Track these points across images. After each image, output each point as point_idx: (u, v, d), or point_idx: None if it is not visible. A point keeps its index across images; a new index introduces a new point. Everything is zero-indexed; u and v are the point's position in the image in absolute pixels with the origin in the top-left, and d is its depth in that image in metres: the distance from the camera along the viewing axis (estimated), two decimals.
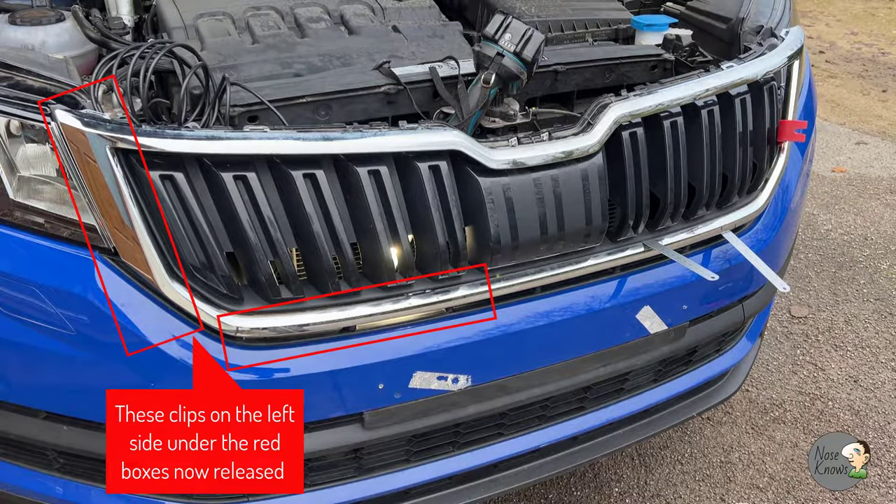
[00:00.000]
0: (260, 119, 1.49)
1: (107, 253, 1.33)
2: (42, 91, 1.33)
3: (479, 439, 1.72)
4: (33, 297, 1.33)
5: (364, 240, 1.41)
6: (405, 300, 1.45)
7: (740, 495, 2.32)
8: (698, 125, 1.64)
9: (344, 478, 1.62)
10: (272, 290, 1.37)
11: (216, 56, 1.71)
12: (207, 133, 1.29)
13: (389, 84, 1.62)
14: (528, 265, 1.54)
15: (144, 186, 1.28)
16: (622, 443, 1.93)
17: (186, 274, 1.34)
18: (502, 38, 1.51)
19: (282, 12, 1.94)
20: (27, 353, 1.37)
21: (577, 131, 1.51)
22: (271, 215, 1.33)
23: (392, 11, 2.02)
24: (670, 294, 1.71)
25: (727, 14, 2.07)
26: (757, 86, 1.74)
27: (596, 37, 2.10)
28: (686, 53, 1.95)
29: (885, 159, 4.62)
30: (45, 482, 1.53)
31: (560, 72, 1.79)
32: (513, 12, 1.99)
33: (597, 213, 1.53)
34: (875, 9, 8.19)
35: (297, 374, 1.41)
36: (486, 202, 1.42)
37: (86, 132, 1.23)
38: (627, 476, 2.37)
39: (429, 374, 1.50)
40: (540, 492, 2.29)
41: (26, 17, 1.70)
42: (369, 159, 1.36)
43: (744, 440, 2.51)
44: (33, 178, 1.34)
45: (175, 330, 1.35)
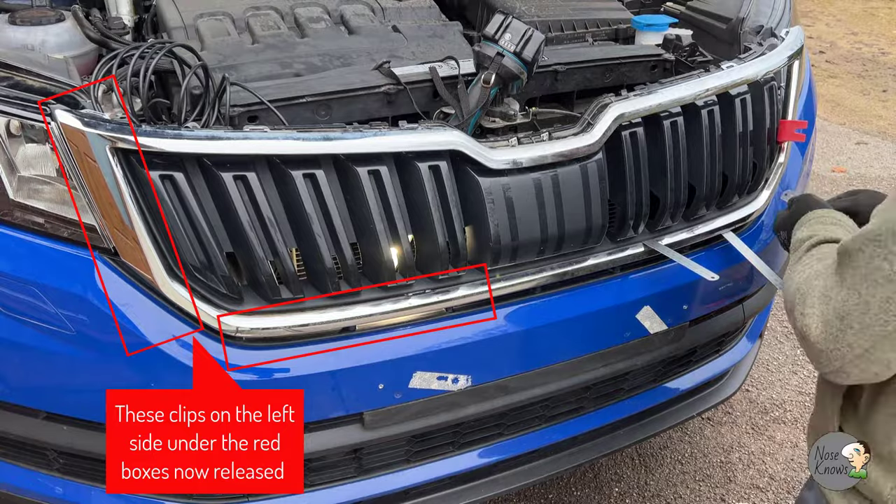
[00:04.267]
0: (260, 119, 1.49)
1: (107, 253, 1.33)
2: (42, 91, 1.33)
3: (479, 439, 1.72)
4: (33, 297, 1.33)
5: (364, 240, 1.41)
6: (405, 300, 1.45)
7: (740, 495, 2.32)
8: (698, 125, 1.64)
9: (344, 478, 1.62)
10: (272, 290, 1.37)
11: (216, 56, 1.71)
12: (207, 133, 1.29)
13: (389, 84, 1.62)
14: (528, 265, 1.54)
15: (144, 186, 1.28)
16: (622, 443, 1.93)
17: (186, 274, 1.33)
18: (502, 38, 1.51)
19: (282, 12, 1.94)
20: (27, 353, 1.37)
21: (577, 131, 1.51)
22: (271, 215, 1.33)
23: (392, 11, 2.02)
24: (670, 294, 1.71)
25: (727, 14, 2.07)
26: (757, 86, 1.74)
27: (596, 37, 2.10)
28: (686, 53, 1.95)
29: (886, 159, 4.62)
30: (45, 482, 1.53)
31: (560, 72, 1.79)
32: (513, 12, 1.99)
33: (597, 213, 1.53)
34: (875, 9, 8.20)
35: (297, 375, 1.41)
36: (486, 202, 1.42)
37: (86, 132, 1.23)
38: (627, 476, 2.37)
39: (429, 374, 1.50)
40: (540, 492, 2.29)
41: (26, 17, 1.70)
42: (369, 159, 1.36)
43: (744, 440, 2.51)
44: (33, 178, 1.34)
45: (175, 330, 1.35)
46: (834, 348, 1.07)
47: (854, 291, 1.04)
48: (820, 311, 1.09)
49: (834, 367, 1.09)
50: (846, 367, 1.07)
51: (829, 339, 1.07)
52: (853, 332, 1.04)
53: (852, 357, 1.06)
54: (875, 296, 1.02)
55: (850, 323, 1.04)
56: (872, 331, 1.02)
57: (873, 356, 1.04)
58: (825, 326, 1.08)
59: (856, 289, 1.04)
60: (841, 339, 1.06)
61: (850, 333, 1.05)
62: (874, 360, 1.04)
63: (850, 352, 1.05)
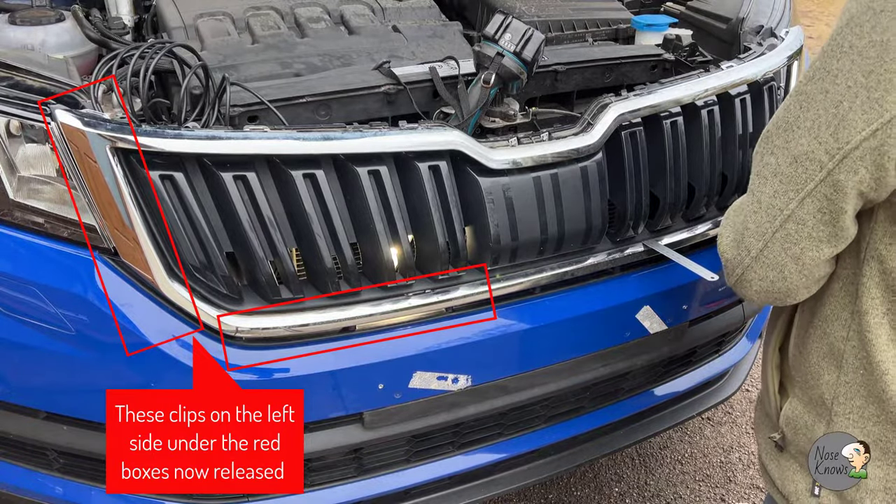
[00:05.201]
0: (260, 119, 1.49)
1: (107, 253, 1.33)
2: (42, 91, 1.33)
3: (479, 439, 1.72)
4: (33, 297, 1.33)
5: (364, 240, 1.41)
6: (405, 300, 1.45)
7: (740, 495, 2.32)
8: (698, 125, 1.64)
9: (344, 478, 1.62)
10: (272, 291, 1.37)
11: (216, 56, 1.71)
12: (207, 133, 1.29)
13: (389, 84, 1.62)
14: (528, 265, 1.54)
15: (144, 186, 1.28)
16: (622, 443, 1.93)
17: (186, 274, 1.34)
18: (502, 38, 1.51)
19: (282, 12, 1.94)
20: (27, 353, 1.37)
21: (577, 131, 1.51)
22: (271, 215, 1.33)
23: (392, 11, 2.02)
24: (670, 294, 1.71)
25: (727, 14, 2.07)
26: (757, 86, 1.74)
27: (596, 37, 2.10)
28: (686, 53, 1.95)
29: None
30: (45, 482, 1.53)
31: (560, 72, 1.79)
32: (513, 12, 1.99)
33: (596, 213, 1.53)
34: None
35: (297, 375, 1.41)
36: (486, 202, 1.43)
37: (86, 132, 1.23)
38: (627, 476, 2.37)
39: (429, 374, 1.50)
40: (540, 492, 2.29)
41: (26, 17, 1.70)
42: (369, 159, 1.36)
43: (744, 440, 2.51)
44: (33, 178, 1.34)
45: (175, 330, 1.35)
46: (736, 255, 1.10)
47: (750, 194, 1.07)
48: (731, 223, 1.11)
49: (737, 276, 1.11)
50: (746, 273, 1.09)
51: (732, 245, 1.10)
52: (749, 234, 1.06)
53: (749, 261, 1.07)
54: (764, 192, 1.04)
55: (747, 224, 1.07)
56: (763, 228, 1.04)
57: (767, 258, 1.05)
58: (733, 234, 1.10)
59: (751, 191, 1.07)
60: (741, 244, 1.08)
61: (748, 236, 1.07)
62: (768, 262, 1.05)
63: (748, 255, 1.07)
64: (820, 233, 1.01)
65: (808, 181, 0.99)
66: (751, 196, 1.06)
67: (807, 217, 1.00)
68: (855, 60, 0.92)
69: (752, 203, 1.06)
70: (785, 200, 1.01)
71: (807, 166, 0.98)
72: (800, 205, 1.00)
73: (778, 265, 1.05)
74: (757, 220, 1.05)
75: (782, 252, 1.04)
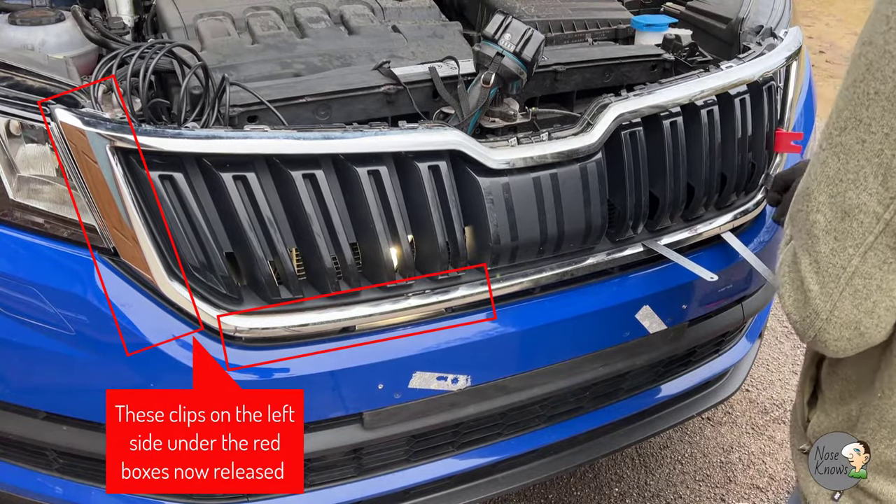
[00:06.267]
0: (260, 119, 1.49)
1: (107, 253, 1.33)
2: (42, 91, 1.33)
3: (478, 439, 1.72)
4: (33, 297, 1.33)
5: (364, 240, 1.41)
6: (405, 300, 1.45)
7: (740, 495, 2.32)
8: (697, 125, 1.64)
9: (344, 478, 1.62)
10: (272, 291, 1.37)
11: (216, 56, 1.71)
12: (207, 133, 1.29)
13: (389, 84, 1.62)
14: (528, 265, 1.54)
15: (144, 186, 1.28)
16: (622, 443, 1.93)
17: (186, 274, 1.34)
18: (502, 38, 1.51)
19: (282, 12, 1.94)
20: (27, 353, 1.37)
21: (576, 131, 1.51)
22: (271, 215, 1.33)
23: (392, 11, 2.02)
24: (669, 294, 1.71)
25: (727, 14, 2.07)
26: (756, 86, 1.74)
27: (596, 37, 2.10)
28: (686, 53, 1.95)
29: None
30: (45, 482, 1.53)
31: (560, 72, 1.79)
32: (513, 12, 1.99)
33: (596, 213, 1.53)
34: None
35: (296, 375, 1.41)
36: (486, 202, 1.43)
37: (86, 132, 1.23)
38: (627, 476, 2.37)
39: (428, 375, 1.50)
40: (540, 492, 2.29)
41: (26, 17, 1.70)
42: (369, 159, 1.36)
43: (744, 440, 2.51)
44: (33, 178, 1.34)
45: (175, 330, 1.35)
46: (804, 317, 1.06)
47: (804, 253, 1.03)
48: (790, 281, 1.07)
49: (810, 337, 1.07)
50: (820, 335, 1.05)
51: (799, 308, 1.06)
52: (814, 296, 1.02)
53: (821, 324, 1.04)
54: (821, 251, 1.00)
55: (809, 286, 1.03)
56: (828, 289, 1.00)
57: (839, 318, 1.02)
58: (794, 295, 1.06)
59: (805, 249, 1.02)
60: (808, 307, 1.04)
61: (812, 298, 1.03)
62: (842, 322, 1.02)
63: (817, 318, 1.03)
64: (890, 283, 0.98)
65: (867, 234, 0.95)
66: (805, 255, 1.02)
67: (873, 271, 0.97)
68: (885, 106, 0.90)
69: (810, 263, 1.01)
70: (846, 258, 0.98)
71: (861, 220, 0.95)
72: (862, 260, 0.97)
73: (852, 323, 1.02)
74: (820, 282, 1.01)
75: (854, 309, 1.00)
